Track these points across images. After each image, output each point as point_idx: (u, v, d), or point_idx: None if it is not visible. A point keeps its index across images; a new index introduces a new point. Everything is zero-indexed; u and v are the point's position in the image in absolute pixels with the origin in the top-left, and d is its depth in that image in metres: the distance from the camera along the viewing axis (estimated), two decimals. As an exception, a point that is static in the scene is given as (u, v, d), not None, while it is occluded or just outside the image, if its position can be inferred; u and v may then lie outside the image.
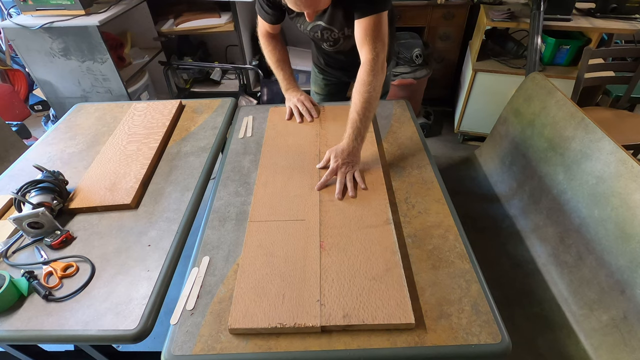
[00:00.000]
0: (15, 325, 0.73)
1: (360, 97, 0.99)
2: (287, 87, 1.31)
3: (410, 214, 0.93)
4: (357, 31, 1.01)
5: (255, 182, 1.02)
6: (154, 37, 2.39)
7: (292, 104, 1.29)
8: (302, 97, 1.30)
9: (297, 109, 1.28)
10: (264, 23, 1.23)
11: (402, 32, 2.31)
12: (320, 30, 1.16)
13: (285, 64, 1.30)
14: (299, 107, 1.28)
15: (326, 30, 1.15)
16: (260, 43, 1.29)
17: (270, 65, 1.30)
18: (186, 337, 0.70)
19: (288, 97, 1.31)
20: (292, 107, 1.29)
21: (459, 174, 1.59)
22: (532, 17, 1.91)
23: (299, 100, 1.29)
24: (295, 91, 1.32)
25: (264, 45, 1.28)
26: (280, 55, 1.28)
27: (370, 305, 0.71)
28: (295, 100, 1.29)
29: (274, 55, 1.27)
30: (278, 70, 1.29)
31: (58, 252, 0.87)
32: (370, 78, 0.99)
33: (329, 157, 1.03)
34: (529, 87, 1.40)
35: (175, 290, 0.80)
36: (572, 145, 1.15)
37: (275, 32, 1.27)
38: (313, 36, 1.22)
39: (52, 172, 0.98)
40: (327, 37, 1.19)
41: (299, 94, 1.31)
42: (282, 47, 1.29)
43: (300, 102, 1.28)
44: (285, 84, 1.31)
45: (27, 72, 2.89)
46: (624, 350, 0.87)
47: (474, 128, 2.40)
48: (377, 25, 0.98)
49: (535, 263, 1.18)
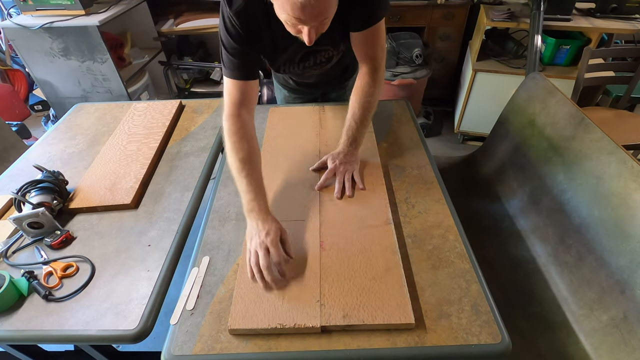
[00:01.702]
0: (15, 325, 0.73)
1: (361, 107, 0.97)
2: (252, 207, 0.81)
3: (410, 214, 0.93)
4: (359, 42, 0.94)
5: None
6: (154, 37, 2.39)
7: (256, 246, 0.76)
8: (272, 235, 0.76)
9: (263, 260, 0.74)
10: (232, 90, 0.90)
11: (402, 32, 2.31)
12: (313, 54, 1.01)
13: (253, 166, 0.85)
14: (263, 256, 0.74)
15: (321, 52, 1.01)
16: (224, 130, 0.89)
17: (231, 166, 0.86)
18: (186, 337, 0.70)
19: (251, 225, 0.80)
20: (252, 254, 0.76)
21: (459, 174, 1.59)
22: (532, 17, 1.91)
23: (268, 241, 0.76)
24: (261, 217, 0.79)
25: (227, 133, 0.88)
26: (247, 153, 0.86)
27: (370, 305, 0.71)
28: (262, 238, 0.76)
29: (239, 151, 0.86)
30: (241, 175, 0.84)
31: (58, 252, 0.87)
32: (373, 89, 0.97)
33: (325, 161, 1.03)
34: (529, 87, 1.40)
35: (175, 290, 0.80)
36: (572, 145, 1.15)
37: (247, 103, 0.91)
38: (302, 66, 1.05)
39: (52, 172, 0.98)
40: (320, 60, 1.04)
41: (267, 225, 0.78)
42: (251, 138, 0.89)
43: (271, 245, 0.75)
44: (249, 200, 0.82)
45: (27, 72, 2.89)
46: (624, 350, 0.87)
47: (474, 128, 2.40)
48: (380, 33, 0.93)
49: (535, 263, 1.17)
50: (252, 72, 0.92)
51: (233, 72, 0.90)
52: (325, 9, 0.72)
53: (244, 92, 0.91)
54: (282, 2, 0.69)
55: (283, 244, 0.78)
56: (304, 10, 0.69)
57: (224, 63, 0.91)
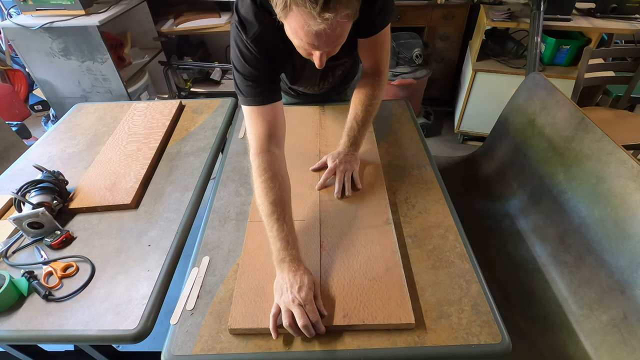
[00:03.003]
0: (15, 325, 0.73)
1: (364, 109, 0.97)
2: (283, 257, 0.73)
3: (410, 214, 0.93)
4: (366, 47, 0.94)
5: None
6: (154, 37, 2.39)
7: (287, 303, 0.68)
8: (306, 291, 0.69)
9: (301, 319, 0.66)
10: (256, 121, 0.83)
11: (402, 32, 2.31)
12: (331, 71, 1.03)
13: (285, 210, 0.77)
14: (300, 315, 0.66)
15: (338, 66, 1.03)
16: (252, 168, 0.82)
17: (261, 207, 0.78)
18: (186, 337, 0.70)
19: (281, 277, 0.72)
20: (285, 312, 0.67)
21: (459, 174, 1.59)
22: (532, 17, 1.91)
23: (302, 297, 0.67)
24: (293, 268, 0.72)
25: (256, 172, 0.81)
26: (278, 194, 0.78)
27: (370, 305, 0.71)
28: (294, 294, 0.68)
29: (269, 192, 0.78)
30: (271, 218, 0.76)
31: (58, 252, 0.87)
32: (377, 92, 0.97)
33: (325, 161, 1.03)
34: (529, 87, 1.40)
35: (175, 290, 0.80)
36: (572, 145, 1.15)
37: (275, 134, 0.85)
38: (323, 84, 1.07)
39: (52, 172, 0.98)
40: (338, 74, 1.07)
41: (299, 279, 0.70)
42: (282, 177, 0.82)
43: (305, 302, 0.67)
44: (280, 248, 0.74)
45: (27, 72, 2.89)
46: (624, 350, 0.87)
47: (474, 128, 2.40)
48: (386, 37, 0.93)
49: (536, 263, 1.17)
50: (275, 94, 0.85)
51: (255, 98, 0.82)
52: (339, 36, 0.69)
53: (270, 120, 0.84)
54: (296, 28, 0.66)
55: (315, 299, 0.70)
56: (319, 38, 0.66)
57: (242, 92, 0.84)
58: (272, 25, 0.74)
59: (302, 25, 0.64)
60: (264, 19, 0.77)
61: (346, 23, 0.68)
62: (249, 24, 0.79)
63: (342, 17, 0.64)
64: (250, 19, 0.79)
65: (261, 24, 0.78)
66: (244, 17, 0.79)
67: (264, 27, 0.78)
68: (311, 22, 0.63)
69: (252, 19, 0.78)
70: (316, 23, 0.62)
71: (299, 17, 0.64)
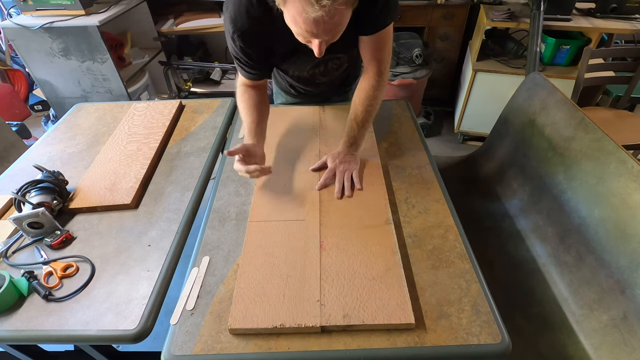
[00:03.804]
0: (15, 325, 0.73)
1: (364, 110, 0.97)
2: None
3: (410, 214, 0.93)
4: (367, 45, 0.94)
5: (255, 182, 1.02)
6: (154, 37, 2.39)
7: None
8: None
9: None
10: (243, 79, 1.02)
11: (402, 32, 2.31)
12: (324, 62, 1.03)
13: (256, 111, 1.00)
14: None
15: (333, 59, 1.04)
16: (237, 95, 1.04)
17: (241, 112, 1.02)
18: (186, 337, 0.70)
19: None
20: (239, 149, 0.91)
21: (459, 174, 1.59)
22: (532, 17, 1.91)
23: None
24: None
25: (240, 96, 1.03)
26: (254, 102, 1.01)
27: (370, 305, 0.71)
28: None
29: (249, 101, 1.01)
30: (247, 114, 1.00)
31: (58, 252, 0.87)
32: (377, 93, 0.97)
33: (325, 161, 1.03)
34: (529, 87, 1.40)
35: (175, 290, 0.80)
36: (572, 145, 1.15)
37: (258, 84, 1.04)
38: (312, 73, 1.08)
39: (52, 172, 0.98)
40: (331, 67, 1.08)
41: None
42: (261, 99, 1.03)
43: None
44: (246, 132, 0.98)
45: (27, 72, 2.89)
46: (624, 350, 0.87)
47: (474, 128, 2.40)
48: (388, 37, 0.93)
49: (535, 263, 1.17)
50: (261, 72, 1.00)
51: (246, 69, 0.98)
52: (338, 24, 0.70)
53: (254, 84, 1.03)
54: (294, 16, 0.67)
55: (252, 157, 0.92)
56: (317, 25, 0.67)
57: (237, 62, 0.98)
58: (262, 16, 0.81)
59: (301, 12, 0.65)
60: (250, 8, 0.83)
61: (345, 10, 0.69)
62: (236, 20, 0.86)
63: (340, 3, 0.66)
64: (235, 12, 0.85)
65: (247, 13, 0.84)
66: (231, 12, 0.86)
67: (252, 22, 0.85)
68: (309, 9, 0.64)
69: (236, 11, 0.85)
70: (314, 10, 0.64)
71: (297, 4, 0.65)
